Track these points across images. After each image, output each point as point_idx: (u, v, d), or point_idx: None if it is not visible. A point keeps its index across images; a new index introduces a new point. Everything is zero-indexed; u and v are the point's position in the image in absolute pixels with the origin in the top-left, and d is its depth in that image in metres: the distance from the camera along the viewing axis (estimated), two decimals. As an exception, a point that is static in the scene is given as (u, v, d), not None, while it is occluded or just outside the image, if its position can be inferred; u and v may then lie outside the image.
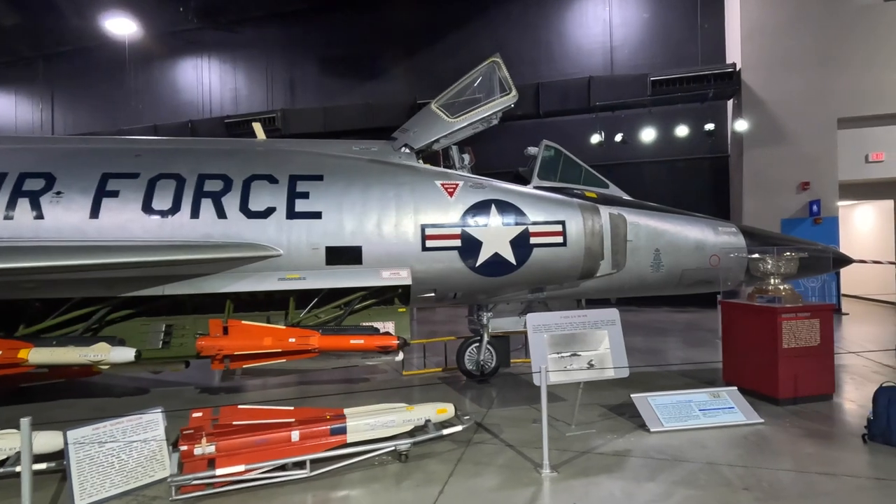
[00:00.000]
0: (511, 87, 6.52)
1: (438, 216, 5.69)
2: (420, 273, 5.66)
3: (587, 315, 4.88)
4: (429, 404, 4.49)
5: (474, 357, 6.77)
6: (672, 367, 7.28)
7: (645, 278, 6.52)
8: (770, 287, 5.71)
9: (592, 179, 6.98)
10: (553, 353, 4.66)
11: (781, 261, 5.66)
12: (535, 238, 5.84)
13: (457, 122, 6.36)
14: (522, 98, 14.90)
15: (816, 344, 5.44)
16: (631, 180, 15.76)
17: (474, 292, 6.11)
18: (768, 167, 13.01)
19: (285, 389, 6.63)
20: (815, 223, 12.77)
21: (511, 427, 4.93)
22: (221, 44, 19.30)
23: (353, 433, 4.12)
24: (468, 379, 6.82)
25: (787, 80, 12.86)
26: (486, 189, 5.93)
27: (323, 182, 5.64)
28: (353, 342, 5.28)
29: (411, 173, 5.92)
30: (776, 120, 12.96)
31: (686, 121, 13.70)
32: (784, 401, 5.36)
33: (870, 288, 14.72)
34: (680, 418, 4.79)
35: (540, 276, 6.02)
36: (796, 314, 5.39)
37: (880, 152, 12.63)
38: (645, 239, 6.45)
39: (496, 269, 5.80)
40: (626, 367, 4.80)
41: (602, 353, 4.77)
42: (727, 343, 6.13)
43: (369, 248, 5.52)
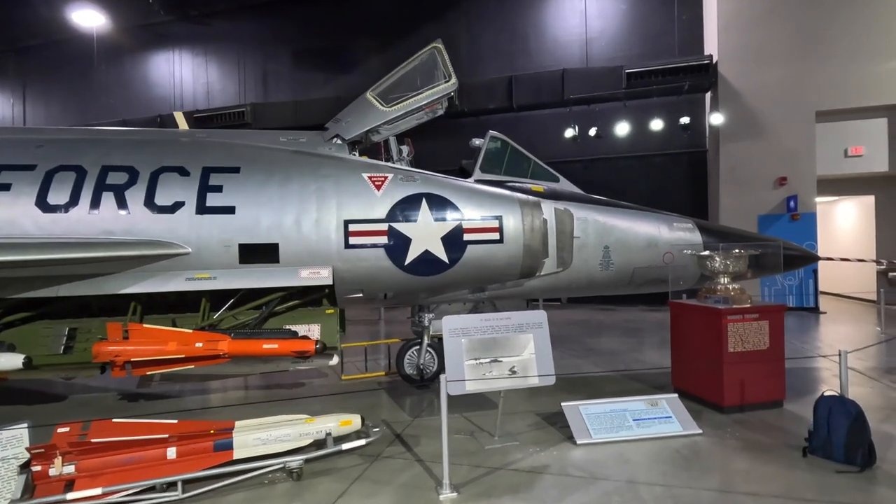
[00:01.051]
0: (451, 74, 6.11)
1: (364, 211, 5.30)
2: (344, 272, 5.28)
3: (511, 317, 4.51)
4: (332, 415, 4.13)
5: (414, 360, 6.40)
6: (627, 371, 6.92)
7: (594, 277, 6.16)
8: (719, 287, 5.35)
9: (542, 173, 6.62)
10: (471, 359, 4.28)
11: (730, 258, 5.30)
12: (469, 235, 5.46)
13: (392, 111, 5.98)
14: (496, 91, 14.59)
15: (765, 347, 5.08)
16: (606, 176, 15.43)
17: (406, 292, 5.73)
18: (745, 162, 12.65)
19: (205, 397, 6.24)
20: (792, 219, 12.42)
21: (431, 439, 4.56)
22: (193, 37, 18.84)
23: (241, 449, 3.76)
24: (408, 384, 6.45)
25: (764, 72, 12.49)
26: (418, 182, 5.54)
27: (239, 175, 5.25)
28: (267, 347, 4.90)
29: (336, 165, 5.53)
30: (753, 113, 12.60)
31: (663, 115, 13.32)
32: (730, 409, 5.00)
33: (850, 286, 14.39)
34: (611, 429, 4.43)
35: (476, 275, 5.64)
36: (743, 316, 5.03)
37: (860, 146, 12.28)
38: (593, 235, 6.09)
39: (427, 268, 5.43)
40: (552, 375, 4.43)
41: (526, 359, 4.40)
42: (675, 346, 5.78)
43: (287, 245, 5.13)
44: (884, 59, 11.80)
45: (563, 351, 8.36)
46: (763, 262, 6.07)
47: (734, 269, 5.29)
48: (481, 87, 14.34)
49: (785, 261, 6.90)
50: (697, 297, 5.61)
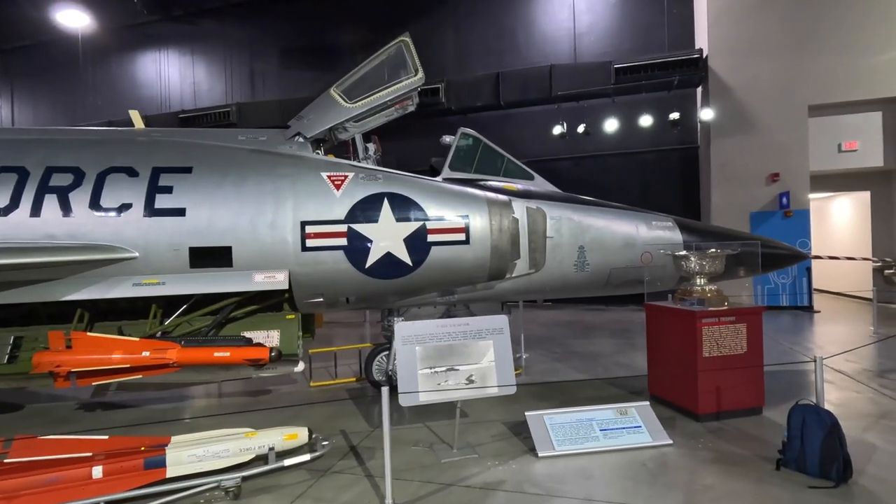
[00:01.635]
0: (418, 68, 5.87)
1: (322, 212, 5.08)
2: (301, 276, 5.06)
3: (469, 323, 4.27)
4: (276, 429, 3.90)
5: (383, 366, 6.17)
6: (606, 376, 6.67)
7: (568, 278, 5.93)
8: (695, 288, 5.10)
9: (515, 171, 6.39)
10: (425, 367, 4.05)
11: (705, 259, 5.05)
12: (433, 235, 5.23)
13: (355, 108, 5.75)
14: (483, 89, 14.33)
15: (742, 352, 4.84)
16: (596, 173, 15.18)
17: (369, 297, 5.51)
18: (736, 158, 12.37)
19: (164, 406, 6.01)
20: (785, 216, 12.15)
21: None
22: (180, 36, 18.64)
23: (175, 466, 3.53)
24: (377, 390, 6.21)
25: (755, 65, 12.21)
26: (381, 181, 5.31)
27: (191, 175, 5.03)
28: (218, 355, 4.68)
29: (294, 164, 5.31)
30: (744, 108, 12.32)
31: (653, 110, 13.04)
32: (705, 416, 4.76)
33: (847, 284, 14.12)
34: (576, 440, 4.20)
35: (442, 278, 5.41)
36: (719, 319, 4.78)
37: (854, 141, 11.99)
38: (568, 235, 5.85)
39: (390, 271, 5.20)
40: (512, 385, 4.19)
41: (485, 368, 4.17)
42: (651, 350, 5.53)
43: (241, 248, 4.91)
44: (878, 50, 11.51)
45: (545, 354, 8.12)
46: (742, 262, 5.83)
47: (710, 269, 5.04)
48: (468, 84, 14.10)
49: (773, 259, 6.69)
50: (673, 299, 5.37)
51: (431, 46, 15.75)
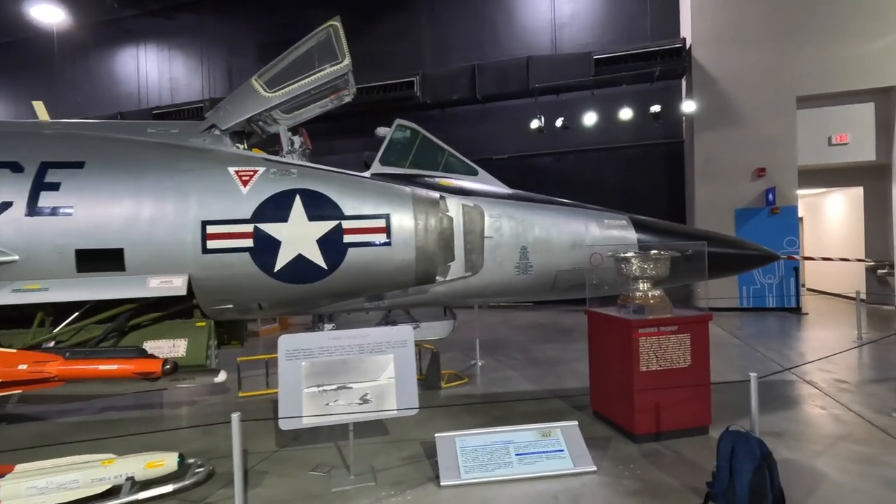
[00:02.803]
0: (345, 54, 5.41)
1: (225, 210, 4.63)
2: (203, 281, 4.62)
3: (368, 335, 3.82)
4: (140, 455, 3.47)
5: (311, 377, 5.73)
6: (558, 387, 6.20)
7: (510, 282, 5.46)
8: (636, 294, 4.61)
9: (457, 166, 5.92)
10: (312, 385, 3.60)
11: (648, 261, 4.56)
12: (350, 236, 4.77)
13: (275, 97, 5.30)
14: (458, 82, 13.83)
15: (686, 365, 4.35)
16: (578, 169, 14.63)
17: (284, 303, 5.06)
18: (721, 152, 11.82)
19: (70, 420, 5.61)
20: (772, 213, 11.58)
21: (281, 477, 3.89)
22: (157, 32, 18.27)
23: (11, 501, 3.11)
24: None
25: (741, 55, 11.64)
26: (294, 177, 4.86)
27: (82, 170, 4.60)
28: (104, 368, 4.25)
29: (199, 158, 4.86)
30: (729, 99, 11.75)
31: (637, 103, 12.48)
32: (642, 438, 4.28)
33: (840, 284, 13.52)
34: (486, 467, 3.73)
35: (363, 282, 4.95)
36: (658, 328, 4.30)
37: (844, 133, 11.39)
38: (508, 235, 5.38)
39: (302, 275, 4.75)
40: (414, 405, 3.73)
41: (383, 385, 3.71)
42: (592, 362, 5.05)
43: (134, 250, 4.48)
44: (869, 38, 10.90)
45: (502, 360, 7.66)
46: (694, 264, 5.33)
47: (653, 273, 4.55)
48: (444, 77, 13.62)
49: (743, 261, 6.20)
50: (616, 306, 4.88)
51: (408, 39, 15.30)
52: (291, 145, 5.67)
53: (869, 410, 4.89)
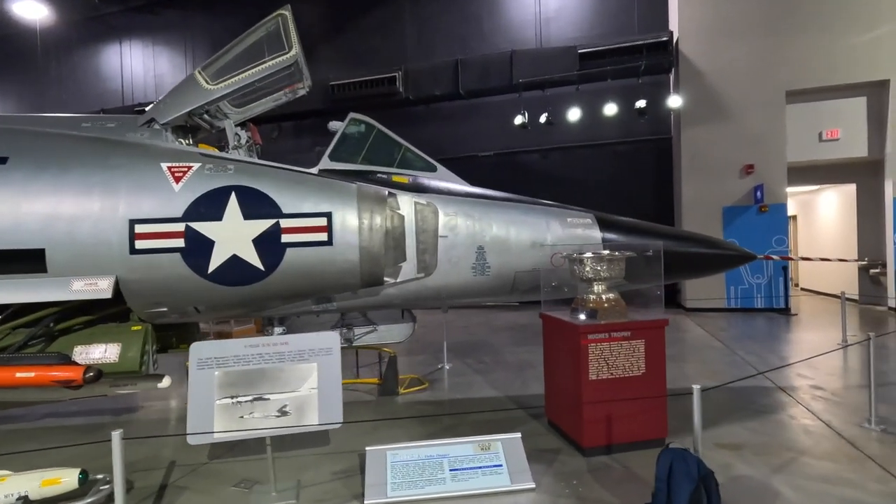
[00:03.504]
0: (292, 44, 5.14)
1: (155, 208, 4.38)
2: (132, 283, 4.37)
3: (289, 342, 3.57)
4: (36, 472, 3.23)
5: (259, 382, 5.49)
6: (521, 393, 5.94)
7: (466, 283, 5.19)
8: (590, 297, 4.34)
9: (414, 161, 5.65)
10: (225, 396, 3.35)
11: (601, 263, 4.28)
12: (288, 235, 4.51)
13: (216, 90, 5.03)
14: (441, 77, 13.55)
15: (640, 374, 4.08)
16: (565, 166, 14.35)
17: (222, 306, 4.81)
18: (708, 148, 11.50)
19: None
20: (760, 211, 11.27)
21: (199, 492, 3.65)
22: (142, 28, 18.05)
23: None
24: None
25: (729, 48, 11.32)
26: (231, 173, 4.60)
27: (4, 166, 4.36)
28: (21, 376, 4.02)
29: (131, 154, 4.61)
30: (717, 94, 11.43)
31: (624, 99, 12.18)
32: (592, 451, 4.01)
33: (833, 283, 13.19)
34: (417, 483, 3.48)
35: (305, 285, 4.69)
36: (609, 334, 4.03)
37: (835, 129, 11.06)
38: (465, 234, 5.11)
39: (238, 276, 4.49)
40: (338, 419, 3.47)
41: (304, 396, 3.45)
42: (547, 369, 4.79)
43: (56, 250, 4.23)
44: (861, 30, 10.56)
45: (471, 363, 7.41)
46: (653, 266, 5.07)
47: (606, 274, 4.28)
48: (427, 72, 13.33)
49: (717, 261, 5.93)
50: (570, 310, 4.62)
51: (392, 34, 15.03)
52: (238, 140, 5.42)
53: (840, 420, 4.61)
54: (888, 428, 4.35)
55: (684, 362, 6.99)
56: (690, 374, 6.40)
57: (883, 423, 4.45)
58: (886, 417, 4.60)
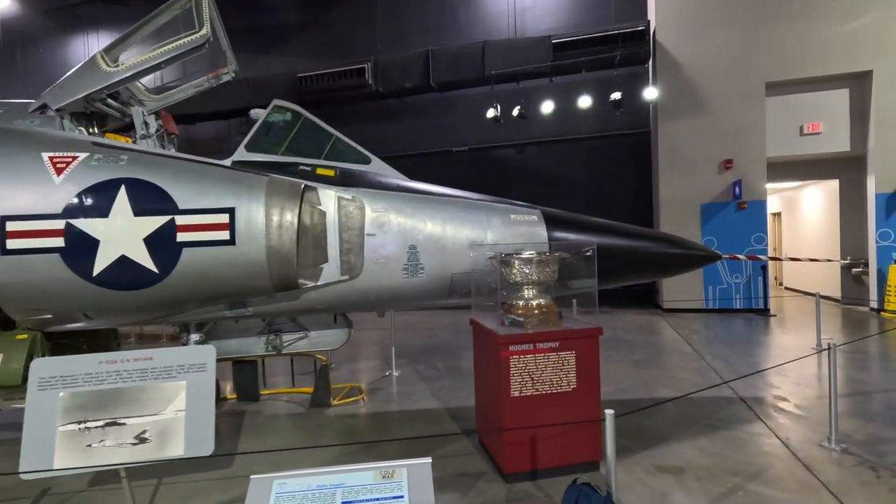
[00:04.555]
0: (203, 23, 4.66)
1: (31, 203, 3.89)
2: (4, 287, 3.90)
3: (154, 357, 3.09)
4: None
5: (173, 394, 5.02)
6: (462, 405, 5.49)
7: (398, 286, 4.73)
8: (518, 302, 3.89)
9: (346, 153, 5.17)
10: (70, 422, 2.88)
11: (529, 265, 3.83)
12: (184, 233, 4.03)
13: (117, 73, 4.58)
14: (412, 69, 13.06)
15: (570, 389, 3.63)
16: (541, 161, 13.88)
17: (116, 312, 4.33)
18: (686, 142, 11.06)
19: None
20: (739, 208, 10.84)
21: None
22: (110, 19, 17.46)
23: None
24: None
25: (707, 38, 10.86)
26: (122, 164, 4.12)
27: None
28: None
29: (10, 143, 4.12)
30: (695, 86, 10.98)
31: (602, 91, 11.70)
32: (514, 476, 3.57)
33: (817, 283, 12.80)
34: (301, 519, 3.02)
35: (206, 288, 4.22)
36: (534, 345, 3.57)
37: (817, 122, 10.63)
38: (395, 232, 4.66)
39: (129, 279, 4.02)
40: (208, 447, 3.00)
41: (168, 420, 2.99)
42: (476, 381, 4.34)
43: (-85, 251, 3.77)
44: (843, 19, 10.12)
45: (423, 370, 6.95)
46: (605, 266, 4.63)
47: (536, 277, 3.82)
48: (397, 64, 12.83)
49: (680, 261, 5.47)
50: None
51: (364, 23, 14.53)
52: (146, 129, 4.95)
53: (799, 438, 4.18)
54: (850, 448, 3.92)
55: (648, 369, 6.55)
56: (650, 382, 5.97)
57: (845, 441, 4.03)
58: (850, 435, 4.17)
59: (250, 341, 5.47)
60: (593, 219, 5.57)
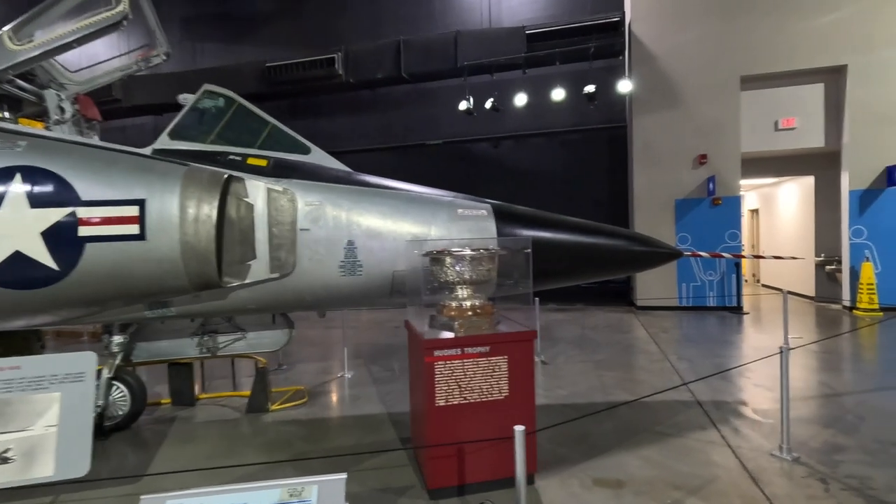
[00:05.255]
0: (120, -1, 4.30)
1: (-87, 194, 3.55)
2: None
3: (23, 366, 2.76)
4: None
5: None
6: (396, 412, 5.20)
7: (334, 285, 4.43)
8: (451, 303, 3.61)
9: (283, 142, 4.85)
10: (-81, 440, 2.55)
11: (462, 262, 3.54)
12: (87, 227, 3.69)
13: (22, 52, 4.22)
14: (384, 59, 12.69)
15: (502, 397, 3.36)
16: (517, 155, 13.62)
17: (11, 314, 3.96)
18: (661, 137, 10.85)
19: None
20: (713, 204, 10.66)
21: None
22: None
23: None
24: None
25: (682, 30, 10.64)
26: (20, 151, 3.77)
27: None
28: None
29: None
30: (670, 79, 10.76)
31: (578, 84, 11.41)
32: (440, 493, 3.29)
33: (794, 281, 12.71)
34: (190, 545, 2.71)
35: (114, 288, 3.87)
36: (461, 350, 3.29)
37: (792, 118, 10.46)
38: (331, 227, 4.36)
39: (25, 278, 3.66)
40: (83, 467, 2.68)
41: (37, 437, 2.66)
42: (410, 387, 4.06)
43: None
44: (820, 11, 9.94)
45: (377, 372, 6.66)
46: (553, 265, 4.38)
47: (470, 276, 3.54)
48: (368, 54, 12.46)
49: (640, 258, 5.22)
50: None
51: (336, 12, 14.12)
52: (61, 114, 4.58)
53: (751, 446, 3.95)
54: (802, 457, 3.70)
55: (608, 370, 6.32)
56: (608, 384, 5.73)
57: (799, 449, 3.81)
58: (805, 442, 3.96)
59: (182, 343, 5.14)
60: (549, 214, 5.28)
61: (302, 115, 14.61)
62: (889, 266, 9.83)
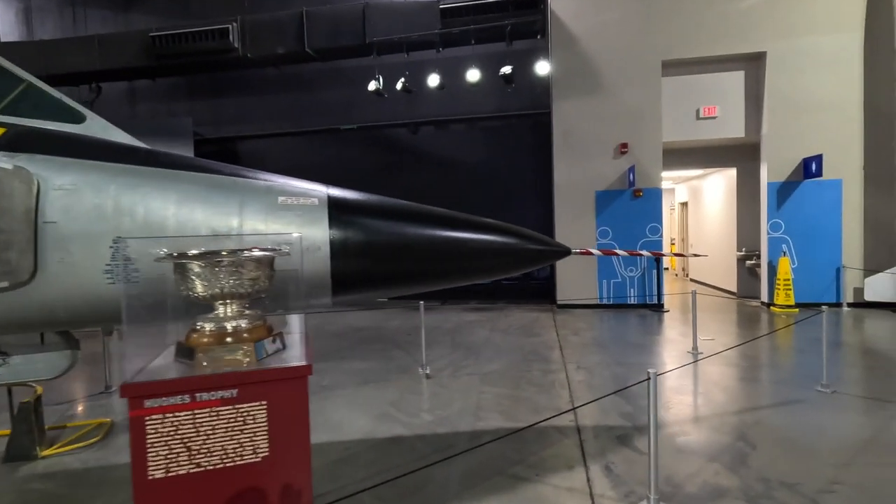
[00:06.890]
0: None
1: None
2: None
3: None
4: None
5: None
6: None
7: (95, 295, 3.29)
8: (197, 325, 2.60)
9: (41, 108, 3.64)
10: None
11: (221, 268, 2.54)
12: None
13: None
14: (286, 33, 11.42)
15: (258, 460, 2.40)
16: (438, 142, 12.65)
17: None
18: (581, 124, 10.18)
19: None
20: (634, 196, 10.11)
21: None
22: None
23: None
24: None
25: (604, 10, 9.97)
26: None
27: None
28: None
29: None
30: (590, 63, 10.08)
31: (498, 67, 10.58)
32: None
33: (719, 277, 12.46)
34: None
35: None
36: (193, 397, 2.30)
37: (713, 106, 10.02)
38: (92, 219, 3.21)
39: None
40: None
41: None
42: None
43: None
44: (740, -5, 9.49)
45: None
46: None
47: (219, 289, 2.55)
48: (267, 25, 11.15)
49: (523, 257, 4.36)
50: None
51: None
52: None
53: (618, 493, 3.18)
54: (672, 509, 2.95)
55: (493, 385, 5.50)
56: (485, 405, 4.89)
57: (671, 497, 3.06)
58: (680, 485, 3.23)
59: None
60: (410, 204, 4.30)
61: (201, 94, 13.13)
62: (805, 261, 9.58)
